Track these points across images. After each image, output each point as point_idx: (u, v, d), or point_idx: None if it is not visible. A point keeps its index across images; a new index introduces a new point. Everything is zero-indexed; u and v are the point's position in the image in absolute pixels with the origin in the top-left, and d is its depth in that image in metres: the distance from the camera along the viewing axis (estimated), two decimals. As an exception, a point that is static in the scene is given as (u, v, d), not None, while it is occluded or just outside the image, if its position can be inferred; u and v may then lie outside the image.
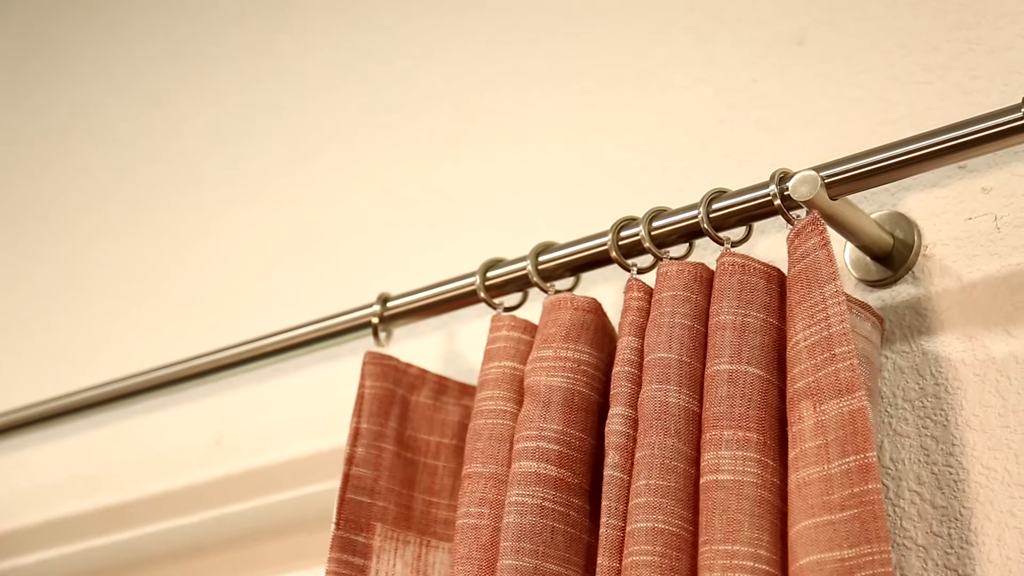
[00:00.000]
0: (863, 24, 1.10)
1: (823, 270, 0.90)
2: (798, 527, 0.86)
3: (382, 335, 1.12)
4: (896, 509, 0.95)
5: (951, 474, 0.93)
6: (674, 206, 1.00)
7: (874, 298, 1.00)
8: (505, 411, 1.01)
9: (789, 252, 0.93)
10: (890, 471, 0.96)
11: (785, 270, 0.94)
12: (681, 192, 1.06)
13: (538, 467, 0.96)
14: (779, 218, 0.95)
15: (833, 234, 0.99)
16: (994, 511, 0.91)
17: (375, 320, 1.12)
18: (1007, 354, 0.94)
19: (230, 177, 1.47)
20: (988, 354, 0.94)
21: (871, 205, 1.02)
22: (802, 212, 0.94)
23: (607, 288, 1.08)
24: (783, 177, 0.95)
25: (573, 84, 1.27)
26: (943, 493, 0.93)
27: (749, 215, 0.97)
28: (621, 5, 1.26)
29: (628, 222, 1.01)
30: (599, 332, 1.01)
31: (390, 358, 1.09)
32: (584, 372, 0.99)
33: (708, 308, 0.95)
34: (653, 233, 1.00)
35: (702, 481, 0.90)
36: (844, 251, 1.02)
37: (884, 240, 1.00)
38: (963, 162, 0.97)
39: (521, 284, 1.07)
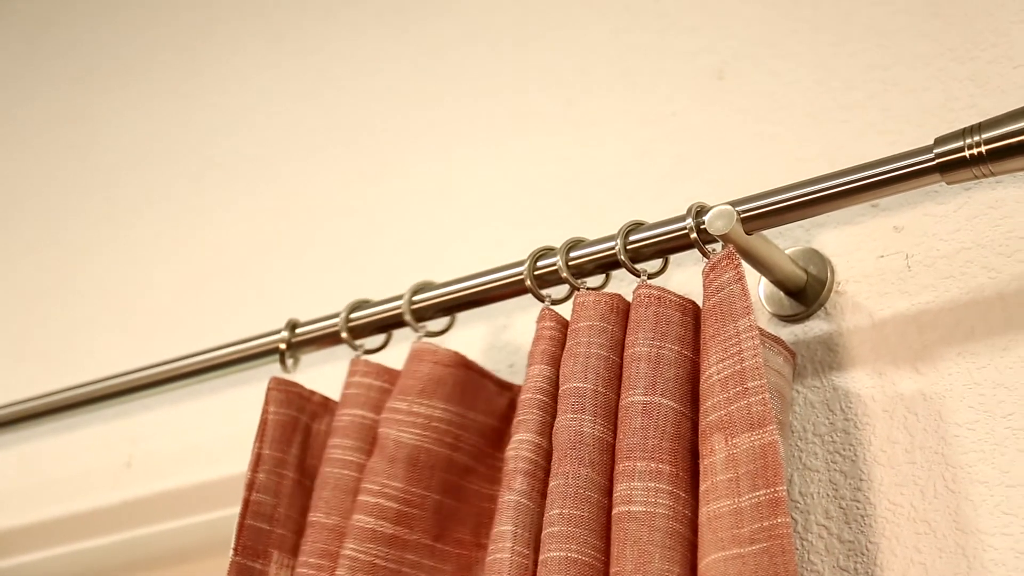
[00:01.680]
0: (782, 61, 1.11)
1: (737, 304, 0.91)
2: (708, 560, 0.86)
3: (289, 361, 1.11)
4: (804, 543, 0.95)
5: (859, 509, 0.94)
6: (592, 237, 1.01)
7: (787, 333, 1.01)
8: (351, 461, 1.03)
9: (704, 285, 0.93)
10: (799, 505, 0.96)
11: (700, 302, 0.95)
12: (600, 223, 1.06)
13: (375, 524, 0.98)
14: (696, 251, 0.96)
15: (748, 268, 0.99)
16: (899, 546, 0.92)
17: (283, 346, 1.11)
18: (915, 391, 0.95)
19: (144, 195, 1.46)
20: (897, 391, 0.95)
21: (786, 240, 1.03)
22: (718, 246, 0.95)
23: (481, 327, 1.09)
24: (700, 211, 0.96)
25: (494, 113, 1.27)
26: (850, 528, 0.94)
27: (666, 247, 0.97)
28: (544, 34, 1.27)
29: (545, 252, 1.02)
30: (458, 387, 1.03)
31: (295, 385, 1.08)
32: (435, 429, 1.01)
33: (624, 339, 0.95)
34: (570, 263, 1.00)
35: (614, 512, 0.90)
36: (758, 286, 1.03)
37: (798, 276, 1.01)
38: (876, 201, 0.98)
39: (388, 325, 1.08)
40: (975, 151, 0.87)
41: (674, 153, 1.14)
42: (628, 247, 0.98)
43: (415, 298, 1.06)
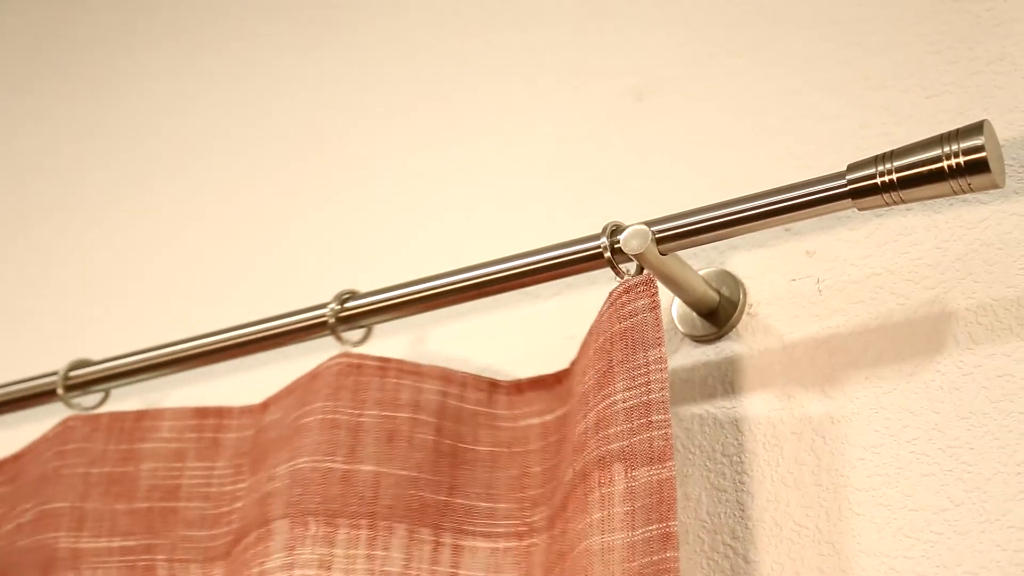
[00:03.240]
0: (701, 84, 1.12)
1: (650, 334, 0.91)
2: None
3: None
4: (711, 562, 0.96)
5: (765, 529, 0.95)
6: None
7: (699, 353, 1.02)
8: None
9: (615, 306, 0.94)
10: (706, 524, 0.97)
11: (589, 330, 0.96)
12: (515, 242, 1.06)
13: None
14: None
15: (661, 288, 1.00)
16: (804, 568, 0.93)
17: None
18: (823, 414, 0.96)
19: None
20: (805, 413, 0.96)
21: (700, 262, 1.04)
22: (631, 266, 0.95)
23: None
24: (614, 230, 0.96)
25: (410, 130, 1.26)
26: (756, 548, 0.95)
27: (575, 268, 0.99)
28: (462, 52, 1.27)
29: (349, 295, 1.06)
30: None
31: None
32: None
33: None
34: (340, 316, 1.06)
35: None
36: (672, 306, 1.03)
37: (711, 297, 1.01)
38: (789, 224, 0.99)
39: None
40: (886, 178, 0.88)
41: (591, 173, 1.14)
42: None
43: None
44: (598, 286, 1.06)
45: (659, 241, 0.94)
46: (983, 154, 0.85)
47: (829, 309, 0.98)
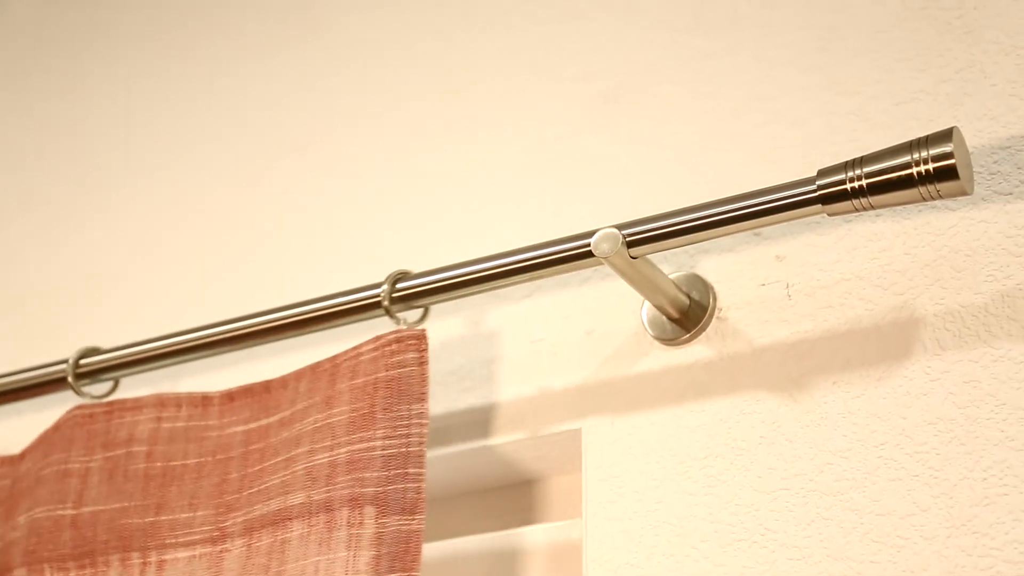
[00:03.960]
0: (671, 87, 1.12)
1: (415, 388, 0.96)
2: None
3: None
4: (679, 566, 0.96)
5: (733, 534, 0.95)
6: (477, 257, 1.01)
7: (668, 357, 1.02)
8: None
9: (383, 352, 0.98)
10: (675, 528, 0.97)
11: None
12: (483, 245, 1.06)
13: None
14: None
15: (631, 292, 1.00)
16: (772, 571, 0.93)
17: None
18: (791, 419, 0.96)
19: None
20: (773, 418, 0.97)
21: (670, 265, 1.04)
22: (409, 314, 1.01)
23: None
24: (398, 279, 1.00)
25: (380, 132, 1.26)
26: (724, 552, 0.95)
27: (353, 315, 1.02)
28: (432, 56, 1.27)
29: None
30: None
31: None
32: None
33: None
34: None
35: None
36: (642, 309, 1.04)
37: (681, 300, 1.01)
38: (759, 229, 0.99)
39: None
40: (856, 184, 0.88)
41: (561, 176, 1.14)
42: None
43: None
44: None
45: (630, 244, 0.95)
46: (952, 161, 0.85)
47: (798, 314, 0.99)
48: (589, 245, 0.95)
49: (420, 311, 1.04)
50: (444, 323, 1.11)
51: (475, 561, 1.11)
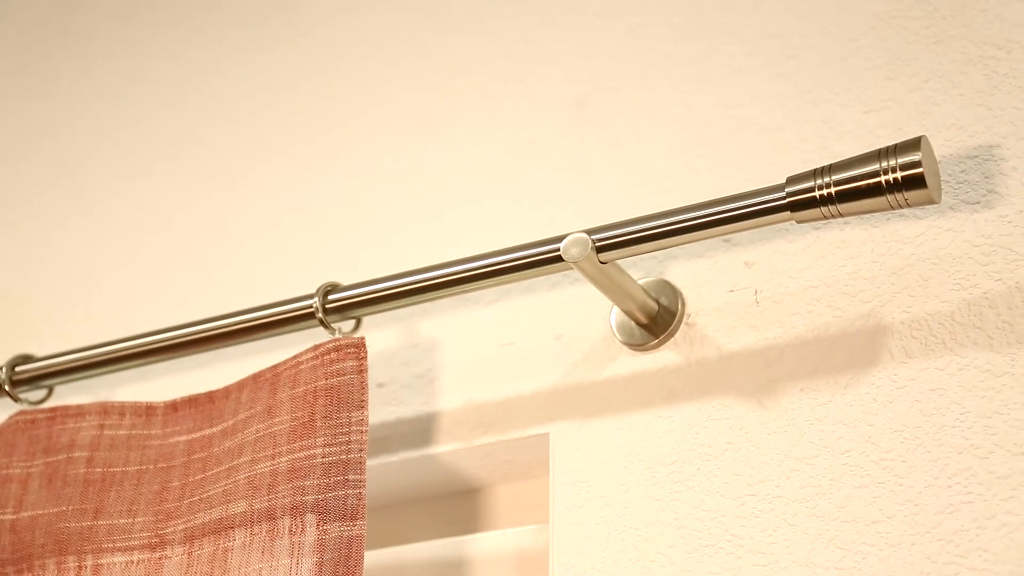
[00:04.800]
0: (643, 94, 1.12)
1: (355, 396, 0.97)
2: None
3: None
4: (645, 572, 0.96)
5: (700, 539, 0.95)
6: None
7: (637, 362, 1.02)
8: None
9: (322, 361, 0.98)
10: (642, 534, 0.97)
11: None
12: (456, 248, 1.06)
13: None
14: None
15: (600, 297, 1.00)
16: (738, 578, 0.93)
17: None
18: (759, 425, 0.96)
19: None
20: (741, 424, 0.97)
21: (639, 271, 1.04)
22: (345, 324, 1.01)
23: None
24: (329, 290, 1.01)
25: (355, 133, 1.26)
26: (692, 558, 0.95)
27: (287, 326, 1.03)
28: (408, 56, 1.26)
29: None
30: None
31: None
32: None
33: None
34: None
35: None
36: (611, 314, 1.04)
37: (649, 306, 1.02)
38: (728, 235, 0.99)
39: None
40: (825, 192, 0.88)
41: (532, 180, 1.14)
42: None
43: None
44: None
45: (599, 249, 0.95)
46: (920, 169, 0.86)
47: (766, 320, 0.99)
48: (559, 250, 0.95)
49: (353, 322, 1.05)
50: (415, 328, 1.11)
51: (443, 568, 1.11)
